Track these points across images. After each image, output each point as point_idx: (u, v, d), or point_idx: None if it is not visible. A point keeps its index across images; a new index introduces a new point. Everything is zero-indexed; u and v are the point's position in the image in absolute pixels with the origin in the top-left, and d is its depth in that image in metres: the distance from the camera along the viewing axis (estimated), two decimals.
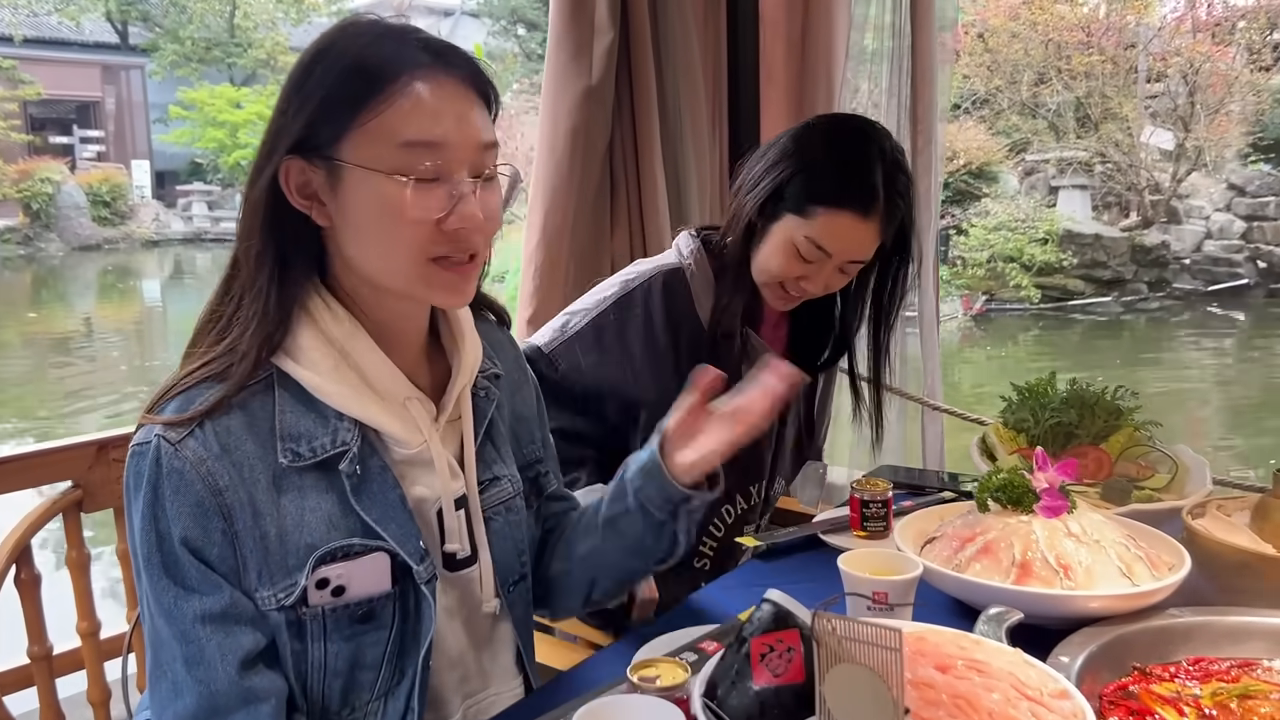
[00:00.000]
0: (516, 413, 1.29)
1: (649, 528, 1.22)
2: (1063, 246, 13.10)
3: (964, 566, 1.29)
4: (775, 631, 0.94)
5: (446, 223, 1.01)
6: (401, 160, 0.99)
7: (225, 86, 23.94)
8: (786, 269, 1.61)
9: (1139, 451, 1.64)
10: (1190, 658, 1.18)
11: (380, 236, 1.02)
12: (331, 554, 1.03)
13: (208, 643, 0.99)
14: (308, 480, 1.03)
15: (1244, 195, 14.07)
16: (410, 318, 1.13)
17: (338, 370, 1.05)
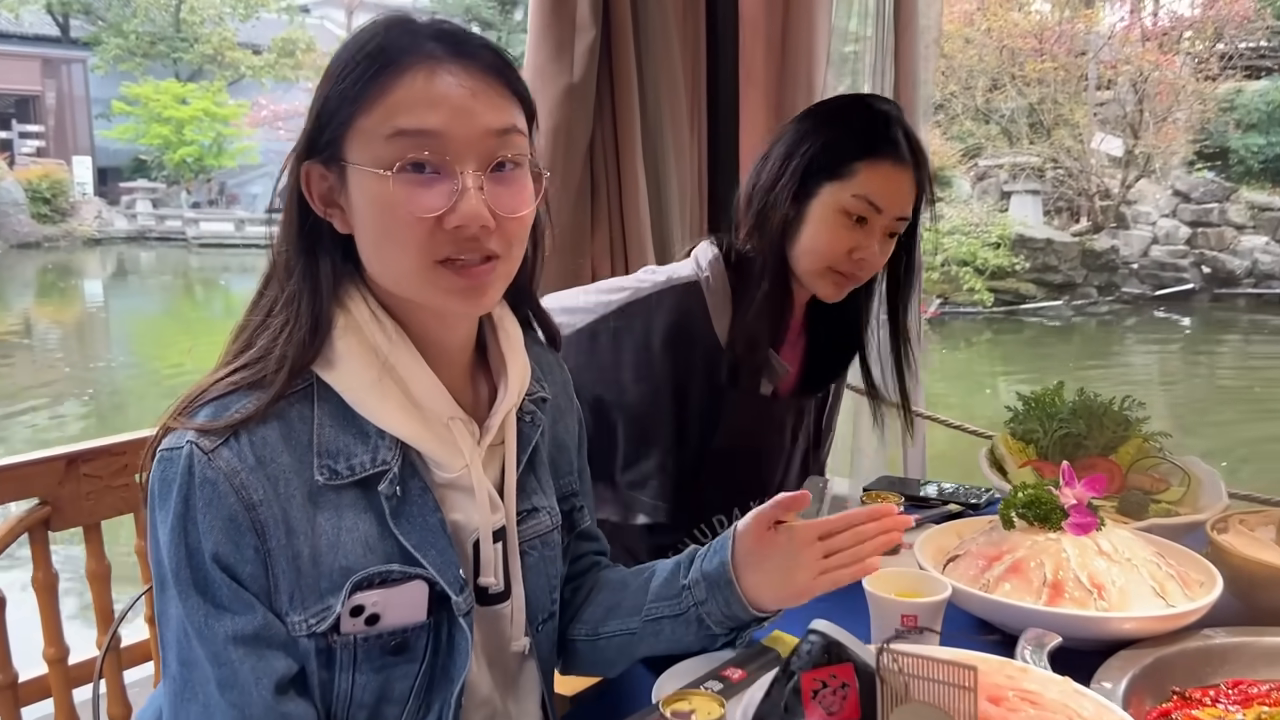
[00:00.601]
0: (558, 440, 1.20)
1: (700, 638, 1.13)
2: (1015, 251, 13.27)
3: (992, 586, 1.24)
4: (827, 666, 0.87)
5: (447, 220, 0.93)
6: (391, 152, 0.92)
7: (171, 82, 23.48)
8: (838, 241, 1.54)
9: (1150, 463, 1.61)
10: (1229, 680, 1.14)
11: (382, 240, 0.95)
12: (368, 580, 0.96)
13: (240, 665, 0.92)
14: (345, 499, 0.96)
15: (1189, 202, 14.37)
16: (449, 329, 1.04)
17: (380, 384, 0.97)
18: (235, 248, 21.35)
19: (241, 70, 24.55)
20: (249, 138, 23.79)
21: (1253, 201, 14.32)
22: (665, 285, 1.62)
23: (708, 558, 1.13)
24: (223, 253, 21.05)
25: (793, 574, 1.08)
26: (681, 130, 2.65)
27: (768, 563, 1.09)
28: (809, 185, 1.55)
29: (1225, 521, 1.40)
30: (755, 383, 1.61)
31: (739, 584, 1.09)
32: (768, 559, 1.09)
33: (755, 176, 1.63)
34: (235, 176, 24.68)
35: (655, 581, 1.17)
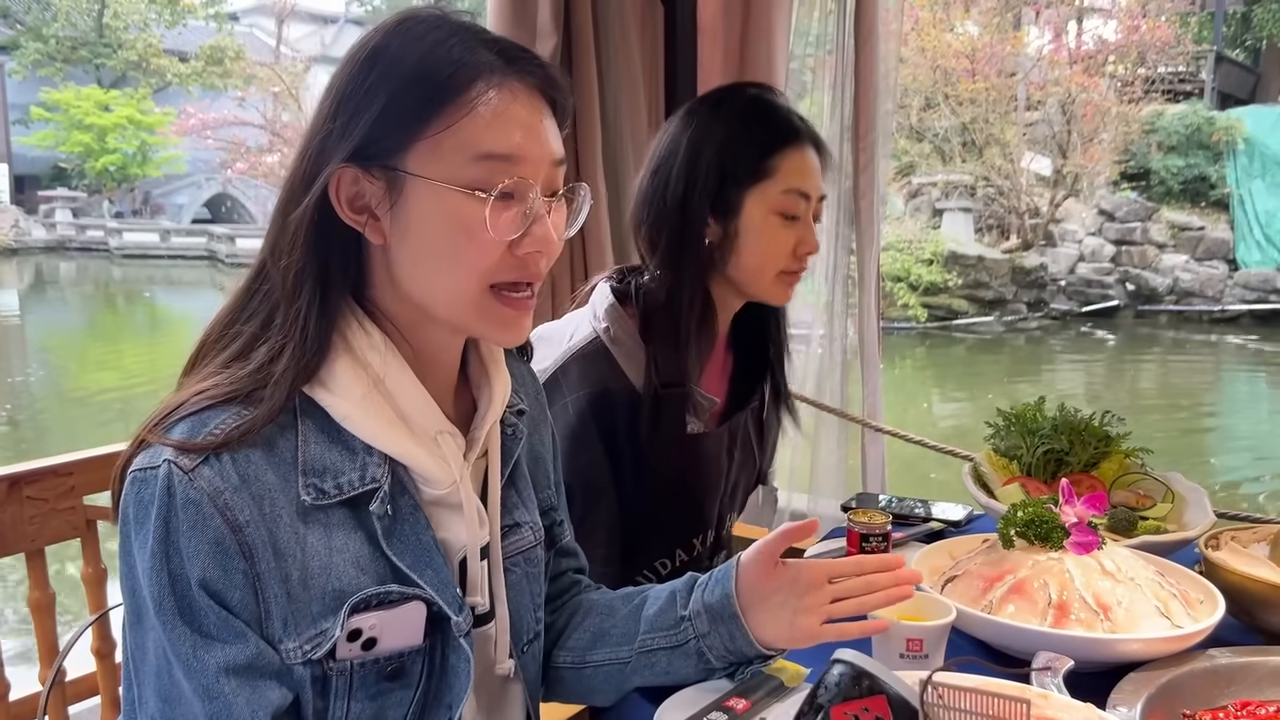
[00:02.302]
0: (534, 453, 1.16)
1: (699, 671, 1.10)
2: (947, 267, 13.50)
3: (996, 608, 1.20)
4: (859, 699, 0.83)
5: (521, 245, 0.91)
6: (479, 174, 0.88)
7: (93, 88, 22.86)
8: (782, 244, 1.48)
9: (1133, 479, 1.60)
10: (1237, 702, 1.12)
11: (445, 258, 0.91)
12: (365, 602, 0.90)
13: (235, 698, 0.85)
14: (334, 519, 0.90)
15: (1114, 220, 14.76)
16: (449, 348, 1.01)
17: (368, 399, 0.92)
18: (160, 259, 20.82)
19: (167, 77, 23.98)
20: (175, 146, 23.21)
21: (1173, 221, 14.76)
22: (567, 358, 1.51)
23: (709, 588, 1.09)
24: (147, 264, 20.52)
25: (799, 616, 1.06)
26: (641, 138, 2.61)
27: (773, 599, 1.07)
28: (728, 198, 1.47)
29: (1217, 539, 1.39)
30: (681, 424, 1.53)
31: (744, 618, 1.06)
32: (773, 595, 1.07)
33: (651, 201, 1.51)
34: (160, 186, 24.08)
35: (649, 610, 1.12)
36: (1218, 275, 14.24)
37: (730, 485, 1.69)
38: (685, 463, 1.57)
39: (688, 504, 1.61)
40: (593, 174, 2.51)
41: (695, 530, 1.64)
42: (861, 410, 2.92)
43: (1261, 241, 14.33)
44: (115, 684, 1.40)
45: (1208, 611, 1.21)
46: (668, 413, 1.51)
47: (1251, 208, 14.52)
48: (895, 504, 1.81)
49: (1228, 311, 13.98)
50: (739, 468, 1.71)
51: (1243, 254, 14.39)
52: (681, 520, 1.61)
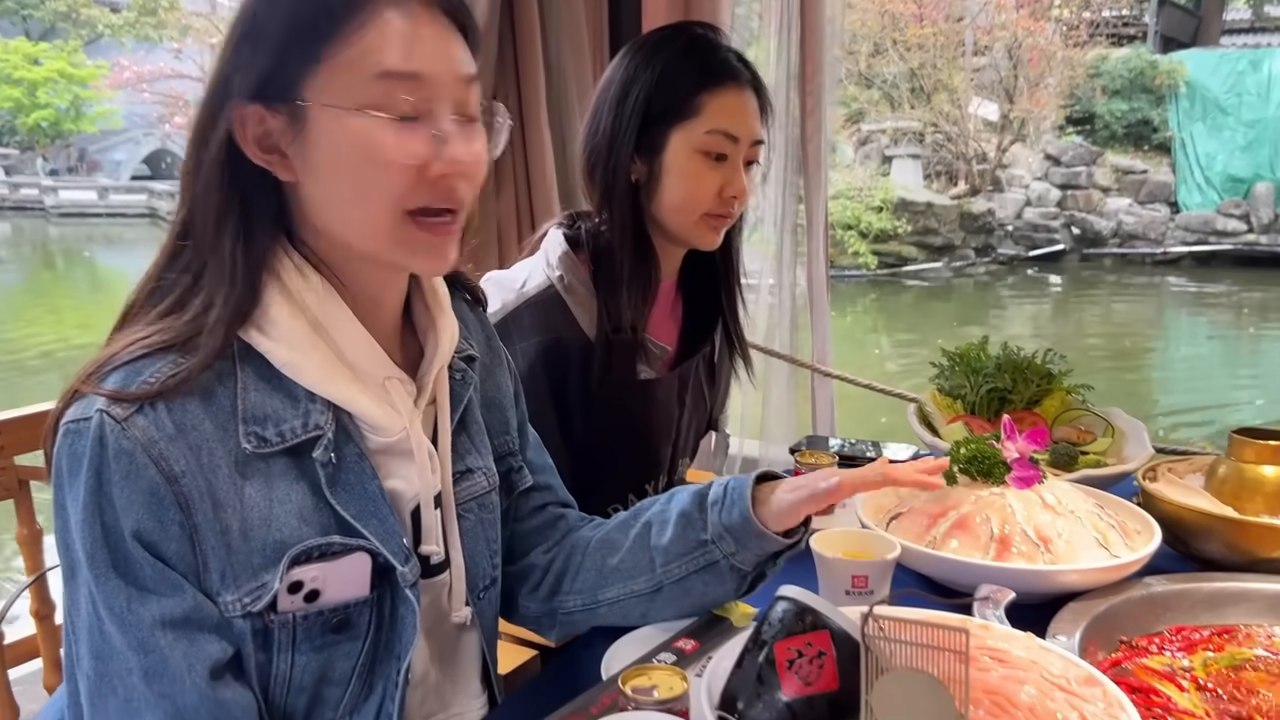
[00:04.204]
0: (488, 398, 1.15)
1: (736, 583, 1.11)
2: (897, 214, 13.57)
3: (940, 544, 1.22)
4: (802, 634, 0.83)
5: (431, 169, 0.88)
6: (380, 95, 0.85)
7: (20, 41, 22.05)
8: (705, 185, 1.46)
9: (1074, 415, 1.63)
10: (1172, 627, 1.15)
11: (354, 187, 0.88)
12: (307, 553, 0.89)
13: (171, 651, 0.83)
14: (275, 468, 0.88)
15: (1059, 165, 14.91)
16: (389, 286, 0.98)
17: (310, 344, 0.90)
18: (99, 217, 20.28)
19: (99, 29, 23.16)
20: (110, 101, 22.53)
21: (1117, 165, 14.95)
22: (520, 305, 1.49)
23: (725, 509, 1.09)
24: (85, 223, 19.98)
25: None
26: (586, 83, 2.57)
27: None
28: (654, 135, 1.45)
29: (1155, 471, 1.41)
30: (632, 370, 1.52)
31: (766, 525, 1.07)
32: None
33: (589, 136, 1.51)
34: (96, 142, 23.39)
35: (660, 539, 1.12)
36: (1160, 218, 14.47)
37: (682, 431, 1.70)
38: (636, 408, 1.57)
39: (640, 449, 1.61)
40: (536, 123, 2.47)
41: (647, 475, 1.64)
42: (811, 356, 2.93)
43: (1202, 184, 14.58)
44: (56, 646, 1.38)
45: (1145, 541, 1.23)
46: (619, 359, 1.50)
47: (1192, 151, 14.74)
48: (847, 446, 1.83)
49: (1169, 254, 14.24)
50: (690, 413, 1.71)
51: (1184, 197, 14.64)
52: (634, 465, 1.61)
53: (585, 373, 1.49)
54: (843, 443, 1.86)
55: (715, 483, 1.12)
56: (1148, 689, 1.02)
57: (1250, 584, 1.19)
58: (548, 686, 1.10)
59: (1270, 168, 14.28)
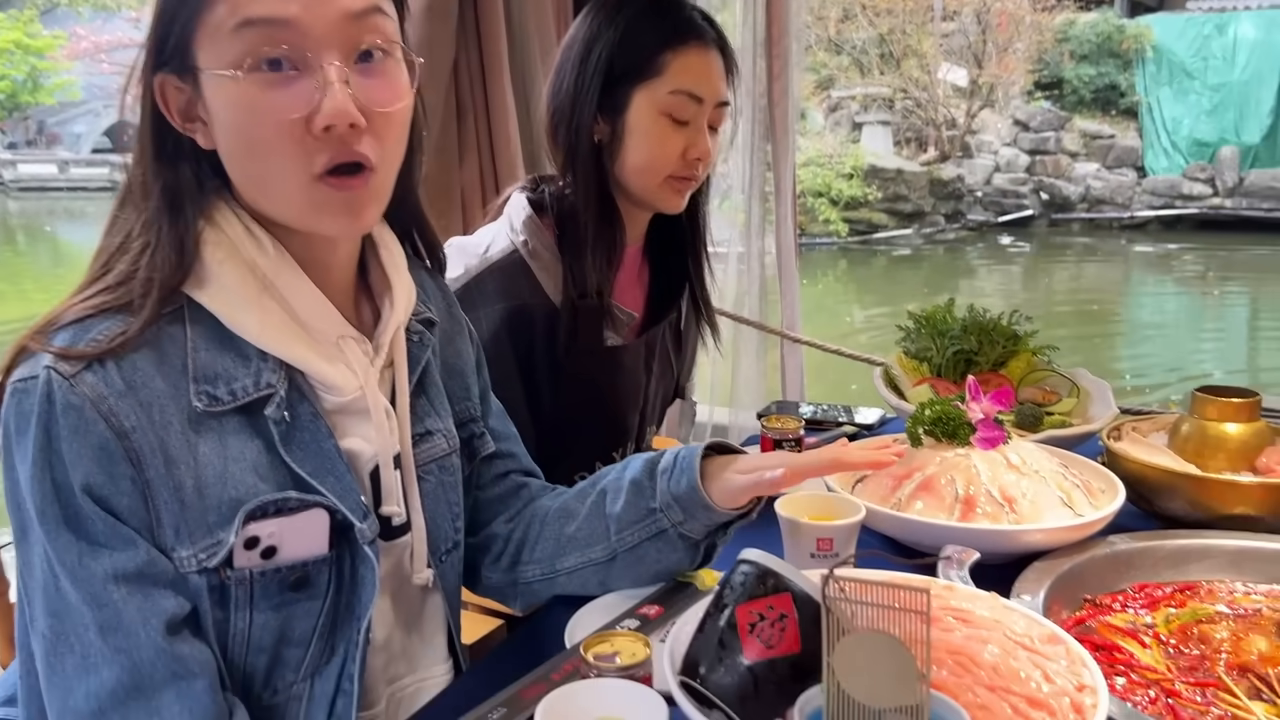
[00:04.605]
0: (449, 365, 1.14)
1: (688, 551, 1.11)
2: (867, 181, 13.57)
3: (905, 505, 1.22)
4: (764, 597, 0.82)
5: (314, 122, 0.84)
6: (244, 47, 0.83)
7: None
8: (668, 147, 1.44)
9: (1040, 376, 1.63)
10: (1135, 585, 1.16)
11: (248, 154, 0.87)
12: (262, 509, 0.88)
13: (124, 605, 0.83)
14: (228, 426, 0.88)
15: (1028, 130, 14.95)
16: (332, 248, 0.97)
17: (259, 302, 0.90)
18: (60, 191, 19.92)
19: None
20: (68, 72, 22.05)
21: (1085, 130, 15.00)
22: (483, 269, 1.46)
23: (674, 478, 1.08)
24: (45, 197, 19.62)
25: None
26: (549, 44, 2.52)
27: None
28: (616, 95, 1.43)
29: (1119, 430, 1.42)
30: (599, 337, 1.50)
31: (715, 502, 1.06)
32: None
33: (553, 96, 1.48)
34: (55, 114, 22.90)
35: (613, 507, 1.11)
36: (1127, 183, 14.56)
37: (649, 398, 1.68)
38: (603, 375, 1.55)
39: (606, 416, 1.59)
40: (500, 88, 2.42)
41: (614, 443, 1.63)
42: (780, 323, 2.93)
43: (1168, 148, 14.66)
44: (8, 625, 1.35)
45: (1109, 500, 1.24)
46: (585, 325, 1.48)
47: (1159, 115, 14.82)
48: (819, 411, 1.82)
49: (1136, 218, 14.33)
50: (657, 380, 1.70)
51: (1151, 161, 14.72)
52: (600, 432, 1.60)
53: (551, 339, 1.47)
54: (815, 408, 1.85)
55: (668, 451, 1.11)
56: (1111, 646, 1.03)
57: (1212, 540, 1.19)
58: (512, 654, 1.09)
59: (1235, 131, 14.39)
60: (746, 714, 0.79)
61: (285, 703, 0.94)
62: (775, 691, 0.80)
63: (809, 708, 0.77)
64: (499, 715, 0.90)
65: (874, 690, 0.74)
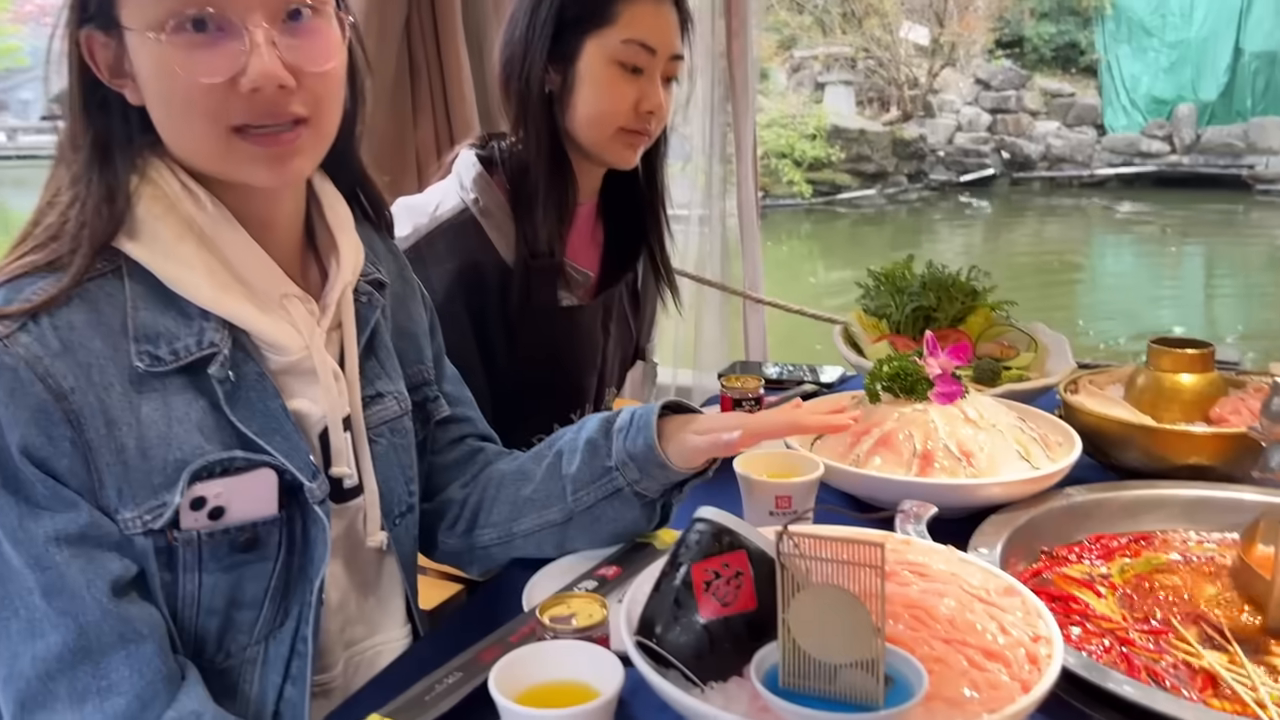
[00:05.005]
0: (400, 327, 1.12)
1: (645, 511, 1.10)
2: (830, 142, 13.55)
3: (863, 461, 1.21)
4: (718, 555, 0.81)
5: (240, 84, 0.83)
6: (166, 7, 0.81)
7: None
8: (620, 98, 1.41)
9: (998, 331, 1.63)
10: (1091, 536, 1.16)
11: (170, 111, 0.86)
12: (209, 469, 0.87)
13: (68, 568, 0.81)
14: (171, 386, 0.87)
15: (989, 89, 14.99)
16: (271, 203, 0.94)
17: (200, 259, 0.88)
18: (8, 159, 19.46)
19: None
20: (14, 37, 21.47)
21: (1045, 88, 15.06)
22: (433, 228, 1.43)
23: (630, 436, 1.07)
24: None
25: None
26: (505, 7, 2.48)
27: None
28: (567, 44, 1.40)
29: (1076, 383, 1.42)
30: (553, 297, 1.48)
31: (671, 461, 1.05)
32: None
33: (505, 46, 1.45)
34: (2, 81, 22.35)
35: (569, 468, 1.11)
36: (1087, 140, 14.66)
37: (607, 359, 1.66)
38: (558, 336, 1.53)
39: (563, 378, 1.58)
40: (453, 48, 2.38)
41: (572, 405, 1.61)
42: (743, 284, 2.92)
43: (1127, 106, 14.76)
44: None
45: (1065, 453, 1.24)
46: (538, 284, 1.46)
47: (1118, 73, 14.90)
48: (783, 371, 1.81)
49: (1096, 176, 14.45)
50: (615, 342, 1.68)
51: (1110, 119, 14.82)
52: (557, 394, 1.58)
53: (504, 299, 1.45)
54: (779, 368, 1.84)
55: (624, 410, 1.10)
56: (1067, 597, 1.03)
57: (1166, 490, 1.20)
58: (471, 618, 1.08)
59: (1193, 88, 14.50)
60: (703, 672, 0.79)
61: (239, 665, 0.93)
62: (731, 649, 0.79)
63: (765, 664, 0.77)
64: (455, 679, 0.89)
65: (829, 645, 0.73)
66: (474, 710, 0.85)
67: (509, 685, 0.77)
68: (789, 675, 0.75)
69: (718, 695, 0.78)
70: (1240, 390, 1.36)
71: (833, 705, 0.73)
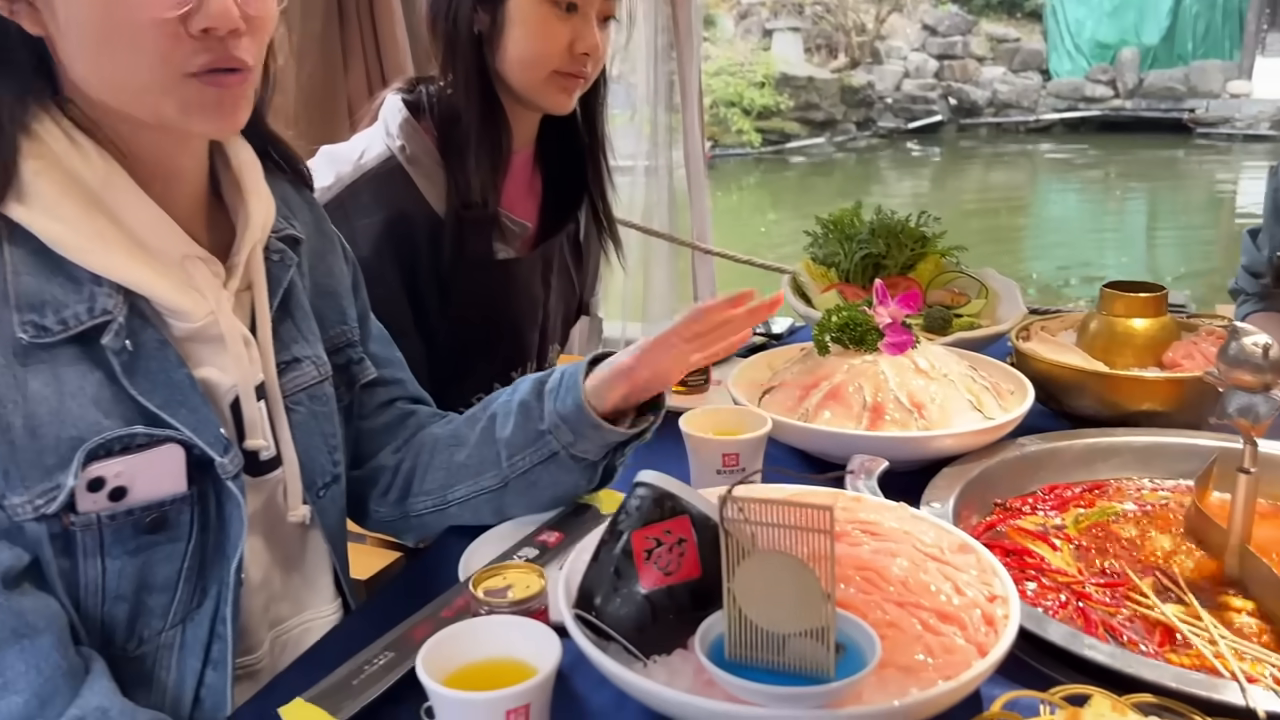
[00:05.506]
0: (320, 286, 1.05)
1: (585, 473, 1.05)
2: (779, 89, 13.46)
3: (812, 415, 1.17)
4: (660, 521, 0.77)
5: (192, 22, 0.77)
6: None
7: None
8: (553, 39, 1.33)
9: (948, 278, 1.59)
10: (1045, 486, 1.14)
11: (106, 47, 0.78)
12: (106, 447, 0.80)
13: None
14: (62, 359, 0.80)
15: (936, 35, 14.96)
16: (179, 154, 0.88)
17: (88, 219, 0.80)
18: None
19: None
20: None
21: (991, 34, 15.07)
22: (358, 177, 1.35)
23: (560, 397, 1.02)
24: None
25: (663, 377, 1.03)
26: None
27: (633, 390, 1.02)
28: None
29: (1028, 330, 1.39)
30: (488, 249, 1.42)
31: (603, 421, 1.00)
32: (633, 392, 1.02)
33: None
34: None
35: (503, 432, 1.05)
36: (1033, 86, 14.71)
37: (548, 314, 1.60)
38: (495, 291, 1.47)
39: (502, 335, 1.51)
40: None
41: (513, 363, 1.55)
42: (691, 234, 2.86)
43: (1072, 51, 14.82)
44: None
45: (1018, 402, 1.21)
46: (472, 237, 1.39)
47: (1062, 17, 14.92)
48: None
49: (1042, 121, 14.53)
50: (557, 296, 1.62)
51: (1055, 64, 14.87)
52: (496, 352, 1.52)
53: (436, 252, 1.38)
54: None
55: (556, 369, 1.05)
56: (1021, 550, 1.00)
57: (1120, 438, 1.18)
58: (405, 589, 1.03)
59: (1135, 32, 14.58)
60: (645, 645, 0.75)
61: (154, 651, 0.87)
62: (675, 620, 0.75)
63: (710, 635, 0.73)
64: (385, 659, 0.84)
65: (777, 614, 0.69)
66: (406, 690, 0.80)
67: (439, 665, 0.72)
68: (735, 646, 0.71)
69: (661, 669, 0.74)
70: (1193, 334, 1.34)
71: (782, 678, 0.69)
